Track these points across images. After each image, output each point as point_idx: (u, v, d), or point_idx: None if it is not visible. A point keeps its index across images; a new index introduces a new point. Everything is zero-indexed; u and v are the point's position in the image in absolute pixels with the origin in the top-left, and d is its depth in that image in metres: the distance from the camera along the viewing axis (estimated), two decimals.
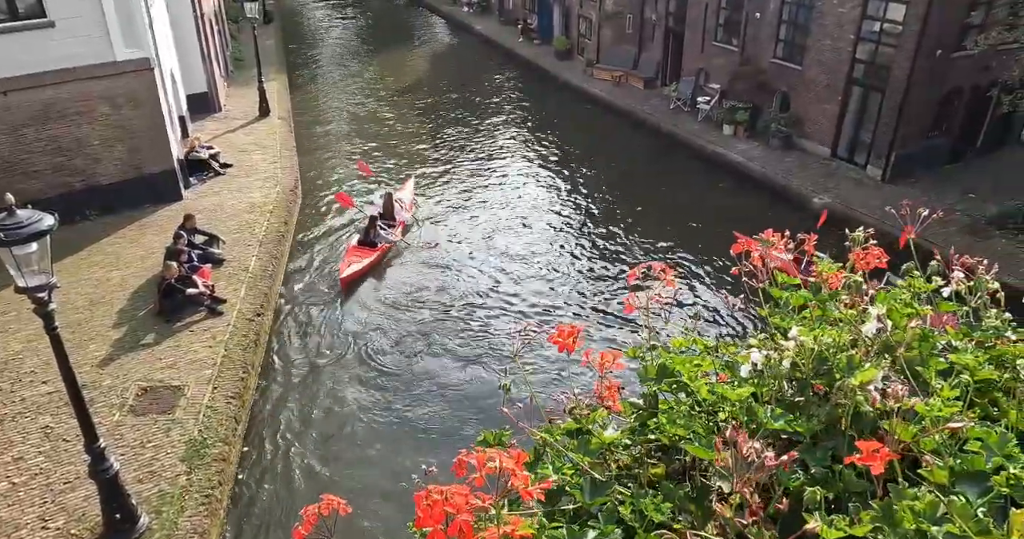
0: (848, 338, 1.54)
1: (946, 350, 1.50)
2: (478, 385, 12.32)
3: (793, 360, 1.48)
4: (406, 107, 28.16)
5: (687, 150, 22.88)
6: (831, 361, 1.45)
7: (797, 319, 1.75)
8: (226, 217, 16.31)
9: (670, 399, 1.58)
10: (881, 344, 1.46)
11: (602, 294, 15.31)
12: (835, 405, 1.37)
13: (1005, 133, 20.98)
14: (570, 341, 1.61)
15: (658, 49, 28.04)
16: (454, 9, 46.37)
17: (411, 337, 13.67)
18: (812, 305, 1.81)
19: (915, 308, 1.61)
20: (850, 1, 19.19)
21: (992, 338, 1.54)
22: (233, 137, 21.63)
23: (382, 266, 16.12)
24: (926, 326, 1.54)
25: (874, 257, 1.88)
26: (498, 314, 14.36)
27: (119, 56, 15.29)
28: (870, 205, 17.73)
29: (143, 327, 12.26)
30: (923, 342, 1.48)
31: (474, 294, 15.08)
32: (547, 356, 12.05)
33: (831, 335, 1.51)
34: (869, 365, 1.37)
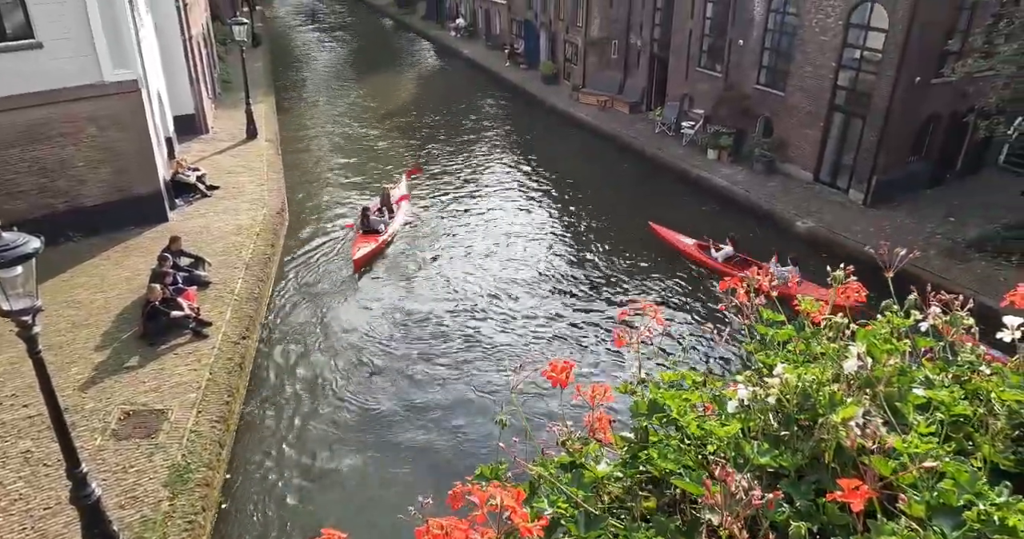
0: (830, 373, 1.59)
1: (924, 384, 1.55)
2: (468, 412, 12.28)
3: (778, 396, 1.53)
4: (393, 130, 28.31)
5: (672, 174, 23.13)
6: (814, 397, 1.51)
7: (782, 355, 1.81)
8: (212, 239, 16.26)
9: (660, 432, 1.63)
10: (862, 380, 1.52)
11: (585, 316, 15.35)
12: (818, 440, 1.42)
13: (983, 157, 21.42)
14: (563, 376, 1.66)
15: (643, 75, 28.45)
16: (442, 33, 46.87)
17: (396, 361, 13.63)
18: (796, 340, 1.87)
19: (893, 344, 1.67)
20: (831, 29, 19.59)
21: (968, 372, 1.60)
22: (220, 159, 21.63)
23: (365, 285, 16.14)
24: (904, 362, 1.60)
25: (854, 291, 1.95)
26: (479, 340, 14.34)
27: (107, 77, 15.30)
28: (852, 229, 17.99)
29: (127, 350, 12.15)
30: (901, 377, 1.54)
31: (455, 321, 14.99)
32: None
33: (814, 373, 1.56)
34: (850, 401, 1.43)
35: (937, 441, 1.35)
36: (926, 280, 10.59)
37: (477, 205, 21.30)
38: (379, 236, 17.72)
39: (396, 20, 56.44)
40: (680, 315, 15.37)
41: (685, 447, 1.55)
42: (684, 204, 20.79)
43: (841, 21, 19.26)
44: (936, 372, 1.62)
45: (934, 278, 15.50)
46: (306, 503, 10.39)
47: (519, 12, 36.96)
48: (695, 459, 1.50)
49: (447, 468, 10.83)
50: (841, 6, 19.17)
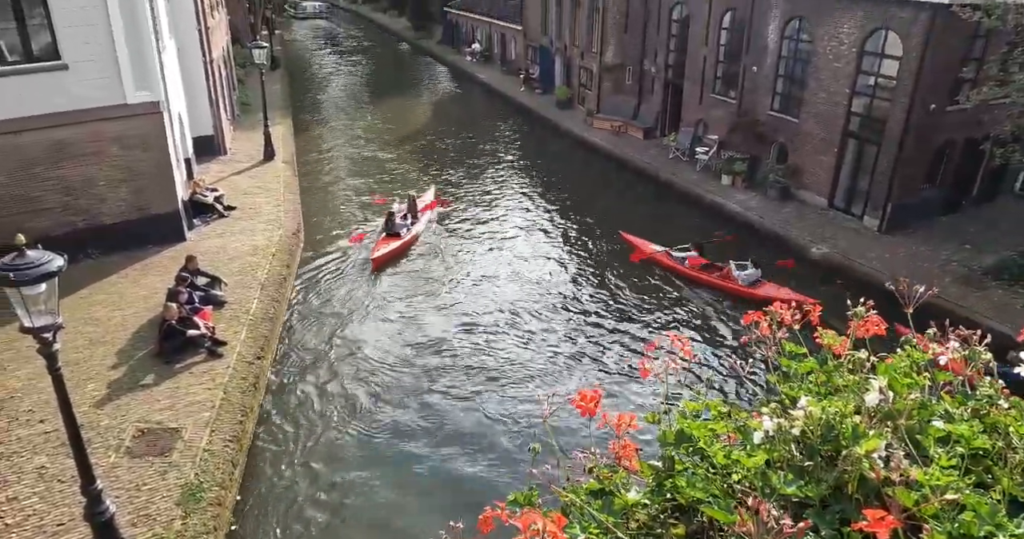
0: (852, 406, 1.63)
1: (944, 418, 1.58)
2: (486, 435, 12.25)
3: (803, 428, 1.57)
4: (408, 152, 28.59)
5: (686, 199, 23.19)
6: (837, 429, 1.54)
7: (805, 388, 1.85)
8: (228, 259, 16.42)
9: (686, 461, 1.67)
10: (883, 412, 1.55)
11: (602, 337, 15.32)
12: (842, 471, 1.45)
13: (999, 184, 21.35)
14: (591, 405, 1.70)
15: (657, 100, 28.65)
16: (458, 58, 47.46)
17: (411, 384, 13.64)
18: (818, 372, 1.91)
19: (914, 378, 1.70)
20: (845, 56, 19.70)
21: (986, 406, 1.62)
22: (237, 180, 21.90)
23: (380, 306, 16.22)
24: (924, 395, 1.63)
25: (873, 324, 1.99)
26: (495, 362, 14.34)
27: (130, 99, 15.60)
28: (867, 255, 17.94)
29: (143, 368, 12.24)
30: (921, 410, 1.57)
31: (470, 342, 15.03)
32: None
33: (837, 406, 1.60)
34: (873, 434, 1.46)
35: (958, 474, 1.38)
36: (942, 307, 10.67)
37: (493, 227, 21.41)
38: (400, 239, 18.76)
39: (413, 44, 57.25)
40: (702, 338, 15.30)
41: (711, 476, 1.58)
42: (697, 229, 20.79)
43: (855, 48, 19.38)
44: (955, 406, 1.65)
45: (950, 306, 15.42)
46: (317, 528, 10.36)
47: (534, 38, 37.39)
48: (721, 488, 1.53)
49: (468, 493, 10.77)
50: (855, 34, 19.30)
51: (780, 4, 21.68)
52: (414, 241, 19.35)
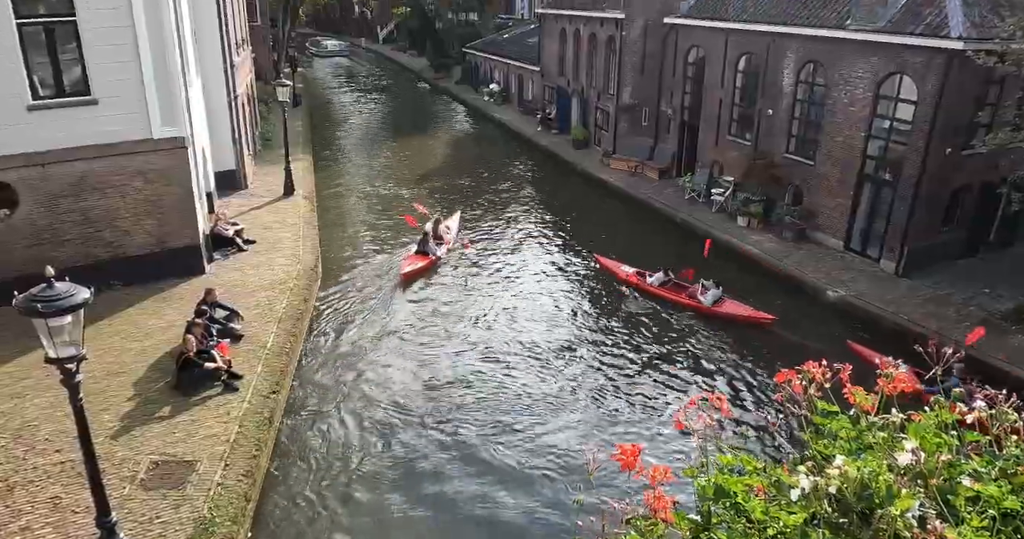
0: (884, 463, 1.67)
1: (972, 477, 1.61)
2: (505, 480, 12.15)
3: (838, 485, 1.60)
4: (426, 190, 28.89)
5: (702, 240, 23.17)
6: (871, 488, 1.58)
7: (839, 447, 1.89)
8: (247, 293, 16.57)
9: (723, 514, 1.70)
10: (914, 471, 1.58)
11: (624, 380, 15.25)
12: (877, 529, 1.48)
13: (1017, 228, 21.28)
14: (631, 459, 1.76)
15: (673, 141, 28.92)
16: (476, 98, 48.23)
17: (427, 421, 13.60)
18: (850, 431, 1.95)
19: (943, 438, 1.73)
20: (860, 100, 19.88)
21: (1014, 466, 1.65)
22: (258, 214, 22.20)
23: (396, 343, 16.26)
24: (952, 454, 1.67)
25: (900, 382, 2.03)
26: (514, 403, 14.27)
27: (156, 134, 15.97)
28: (885, 299, 17.84)
29: (159, 399, 12.31)
30: (950, 469, 1.61)
31: (486, 382, 14.94)
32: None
33: (871, 465, 1.64)
34: (906, 493, 1.50)
35: (989, 534, 1.41)
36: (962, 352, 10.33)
37: (510, 265, 21.51)
38: (428, 257, 20.35)
39: (431, 84, 58.27)
40: (731, 388, 15.16)
41: (749, 531, 1.62)
42: (713, 269, 20.75)
43: (870, 92, 19.56)
44: (983, 465, 1.68)
45: (971, 351, 15.24)
46: None
47: (552, 79, 37.97)
48: None
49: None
50: (870, 78, 19.50)
51: (795, 48, 21.98)
52: (437, 261, 20.80)
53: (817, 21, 21.14)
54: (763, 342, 16.68)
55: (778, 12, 22.77)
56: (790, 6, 22.52)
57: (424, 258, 20.38)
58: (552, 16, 37.03)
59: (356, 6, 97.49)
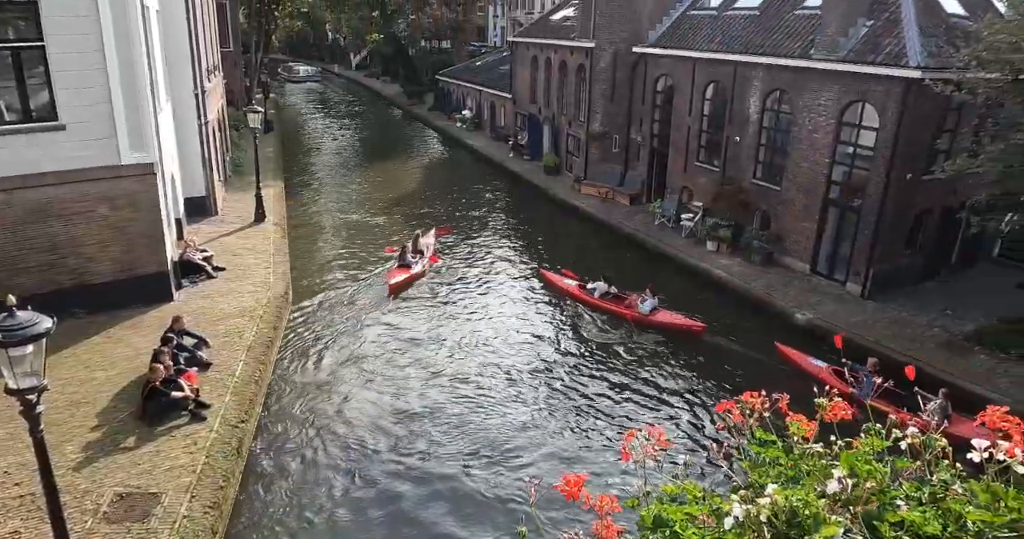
0: (817, 491, 1.74)
1: (904, 502, 1.68)
2: (469, 509, 12.05)
3: (769, 514, 1.67)
4: (399, 216, 28.88)
5: (672, 264, 23.46)
6: (800, 516, 1.64)
7: (773, 475, 1.95)
8: (215, 320, 16.36)
9: None
10: (844, 499, 1.65)
11: (586, 405, 15.25)
12: None
13: (977, 251, 21.86)
14: (576, 490, 1.80)
15: (643, 168, 29.32)
16: (448, 124, 48.57)
17: (398, 451, 13.46)
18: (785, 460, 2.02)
19: (873, 466, 1.80)
20: (823, 127, 20.37)
21: (942, 491, 1.71)
22: (228, 241, 22.02)
23: (366, 371, 16.13)
24: (885, 482, 1.74)
25: (839, 409, 2.11)
26: (479, 433, 14.16)
27: (124, 160, 15.80)
28: (850, 321, 18.14)
29: (124, 430, 12.04)
30: (881, 495, 1.68)
31: (452, 411, 14.76)
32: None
33: (799, 494, 1.71)
34: (834, 518, 1.59)
35: None
36: (925, 373, 10.78)
37: (481, 291, 21.51)
38: (410, 269, 21.39)
39: (404, 110, 58.61)
40: (685, 420, 15.25)
41: None
42: (683, 293, 20.98)
43: (833, 120, 20.05)
44: (913, 490, 1.74)
45: (934, 371, 15.55)
46: None
47: (523, 106, 38.39)
48: None
49: None
50: (833, 106, 20.01)
51: (761, 77, 22.51)
52: (421, 274, 21.90)
53: (782, 51, 21.70)
54: (715, 358, 16.84)
55: (744, 42, 23.34)
56: (756, 36, 23.10)
57: (407, 270, 21.36)
58: (524, 44, 37.57)
59: (329, 33, 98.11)
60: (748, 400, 2.21)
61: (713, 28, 25.37)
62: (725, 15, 25.49)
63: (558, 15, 36.73)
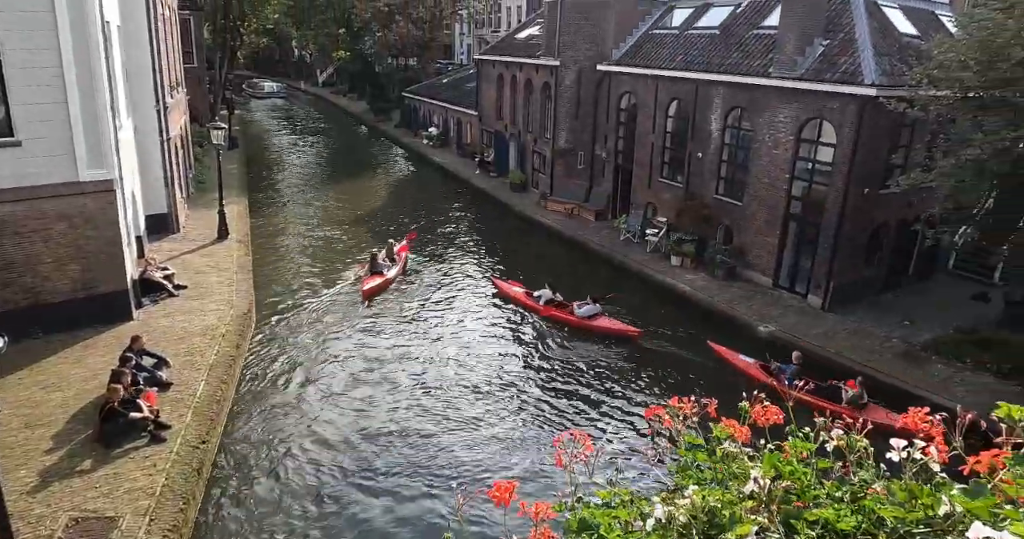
0: (737, 493, 1.79)
1: (827, 500, 1.74)
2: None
3: (689, 515, 1.71)
4: (364, 233, 28.76)
5: (637, 279, 23.66)
6: (718, 516, 1.69)
7: (695, 477, 2.01)
8: (176, 339, 16.09)
9: None
10: (765, 499, 1.71)
11: (543, 417, 15.26)
12: None
13: (933, 263, 22.41)
14: (506, 496, 1.82)
15: (608, 184, 29.60)
16: (415, 141, 48.59)
17: (363, 472, 13.32)
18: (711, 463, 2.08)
19: (794, 466, 1.86)
20: (783, 144, 20.79)
21: (862, 489, 1.77)
22: (190, 258, 21.71)
23: (328, 389, 15.97)
24: (807, 482, 1.80)
25: (771, 414, 2.17)
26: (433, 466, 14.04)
27: (83, 177, 15.54)
28: (812, 333, 18.45)
29: (80, 452, 11.74)
30: (804, 495, 1.74)
31: (415, 429, 14.68)
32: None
33: (717, 494, 1.76)
34: (753, 518, 1.64)
35: None
36: (884, 382, 11.04)
37: (447, 308, 21.46)
38: (383, 276, 22.17)
39: (371, 127, 58.54)
40: (626, 424, 15.32)
41: None
42: (648, 308, 21.16)
43: (792, 136, 20.48)
44: (834, 490, 1.80)
45: (892, 381, 15.88)
46: None
47: (489, 123, 38.59)
48: None
49: None
50: (792, 123, 20.45)
51: (722, 95, 22.93)
52: (393, 280, 22.75)
53: (742, 69, 22.15)
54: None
55: (705, 60, 23.78)
56: (716, 55, 23.56)
57: (380, 277, 22.17)
58: (489, 62, 37.84)
59: (296, 49, 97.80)
60: (677, 405, 2.26)
61: (675, 47, 25.83)
62: (687, 34, 25.97)
63: (523, 33, 37.12)
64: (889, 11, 21.40)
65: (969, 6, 22.02)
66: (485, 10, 63.58)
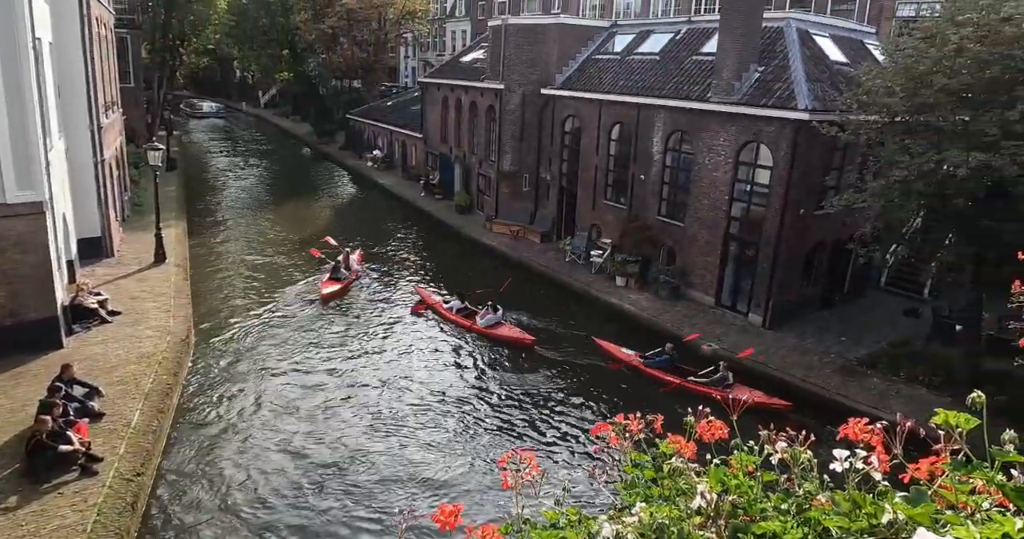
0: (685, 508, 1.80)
1: (773, 513, 1.75)
2: None
3: (637, 532, 1.70)
4: (307, 257, 28.25)
5: (582, 300, 23.82)
6: (667, 533, 1.69)
7: (642, 494, 2.00)
8: (110, 368, 15.48)
9: None
10: (712, 514, 1.72)
11: (484, 438, 15.17)
12: None
13: (867, 281, 23.23)
14: (451, 519, 1.78)
15: (553, 206, 29.85)
16: (359, 164, 48.26)
17: (304, 501, 12.98)
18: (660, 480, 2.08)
19: (740, 480, 1.87)
20: (722, 166, 21.33)
21: (806, 500, 1.79)
22: (125, 283, 21.01)
23: (267, 418, 15.57)
24: (753, 496, 1.81)
25: (717, 428, 2.18)
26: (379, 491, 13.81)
27: (10, 198, 14.98)
28: (754, 351, 18.78)
29: (5, 489, 11.12)
30: (751, 508, 1.75)
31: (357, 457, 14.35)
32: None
33: (665, 510, 1.76)
34: (702, 534, 1.64)
35: None
36: (823, 397, 11.32)
37: (391, 332, 21.20)
38: (340, 283, 23.85)
39: (314, 149, 57.94)
40: (571, 445, 15.35)
41: None
42: (593, 328, 21.29)
43: (731, 159, 21.04)
44: (780, 501, 1.82)
45: (831, 395, 16.31)
46: None
47: (434, 145, 38.62)
48: None
49: None
50: (730, 146, 21.01)
51: (663, 119, 23.44)
52: (349, 286, 24.30)
53: (681, 94, 22.71)
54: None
55: (647, 85, 24.32)
56: (657, 80, 24.11)
57: (338, 283, 23.69)
58: (435, 85, 37.95)
59: (238, 70, 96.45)
60: (622, 422, 2.26)
61: (617, 71, 26.35)
62: (628, 59, 26.54)
63: (468, 57, 37.38)
64: (820, 40, 22.28)
65: (894, 35, 23.14)
66: (430, 33, 63.89)
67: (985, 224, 14.92)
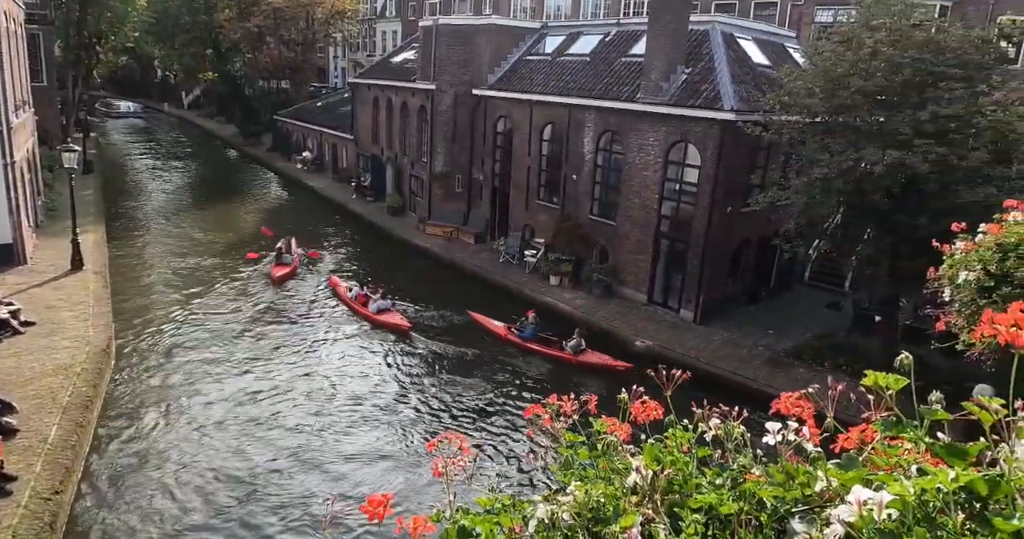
0: (620, 486, 1.78)
1: (709, 487, 1.75)
2: None
3: (573, 512, 1.68)
4: (233, 261, 27.51)
5: (517, 299, 23.86)
6: (603, 510, 1.67)
7: (576, 474, 1.99)
8: (24, 381, 14.70)
9: None
10: (648, 490, 1.71)
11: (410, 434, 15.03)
12: None
13: (792, 275, 24.02)
14: (380, 510, 1.71)
15: (486, 206, 29.85)
16: (288, 166, 47.29)
17: (233, 514, 12.61)
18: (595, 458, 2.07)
19: (675, 456, 1.87)
20: (652, 166, 21.71)
21: (741, 475, 1.81)
22: (39, 292, 20.01)
23: (194, 432, 15.07)
24: (688, 471, 1.82)
25: (652, 409, 2.18)
26: (311, 502, 13.56)
27: None
28: (686, 345, 19.28)
29: None
30: (686, 484, 1.74)
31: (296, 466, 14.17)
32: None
33: (600, 488, 1.74)
34: (631, 510, 1.63)
35: None
36: (751, 388, 11.64)
37: (320, 339, 20.80)
38: (287, 266, 25.68)
39: (241, 152, 56.44)
40: (505, 436, 15.38)
41: None
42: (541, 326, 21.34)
43: (660, 159, 21.42)
44: (715, 476, 1.83)
45: (760, 386, 16.77)
46: None
47: (365, 147, 38.12)
48: None
49: None
50: (659, 146, 21.40)
51: (593, 119, 23.71)
52: (295, 269, 26.18)
53: (611, 94, 23.00)
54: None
55: (577, 86, 24.54)
56: (588, 81, 24.37)
57: (286, 266, 25.56)
58: (365, 85, 37.47)
59: (159, 69, 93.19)
60: (555, 403, 2.24)
61: (548, 72, 26.52)
62: (559, 60, 26.74)
63: (399, 57, 37.04)
64: (744, 43, 22.92)
65: (813, 39, 23.96)
66: (360, 34, 63.09)
67: (900, 219, 15.60)
